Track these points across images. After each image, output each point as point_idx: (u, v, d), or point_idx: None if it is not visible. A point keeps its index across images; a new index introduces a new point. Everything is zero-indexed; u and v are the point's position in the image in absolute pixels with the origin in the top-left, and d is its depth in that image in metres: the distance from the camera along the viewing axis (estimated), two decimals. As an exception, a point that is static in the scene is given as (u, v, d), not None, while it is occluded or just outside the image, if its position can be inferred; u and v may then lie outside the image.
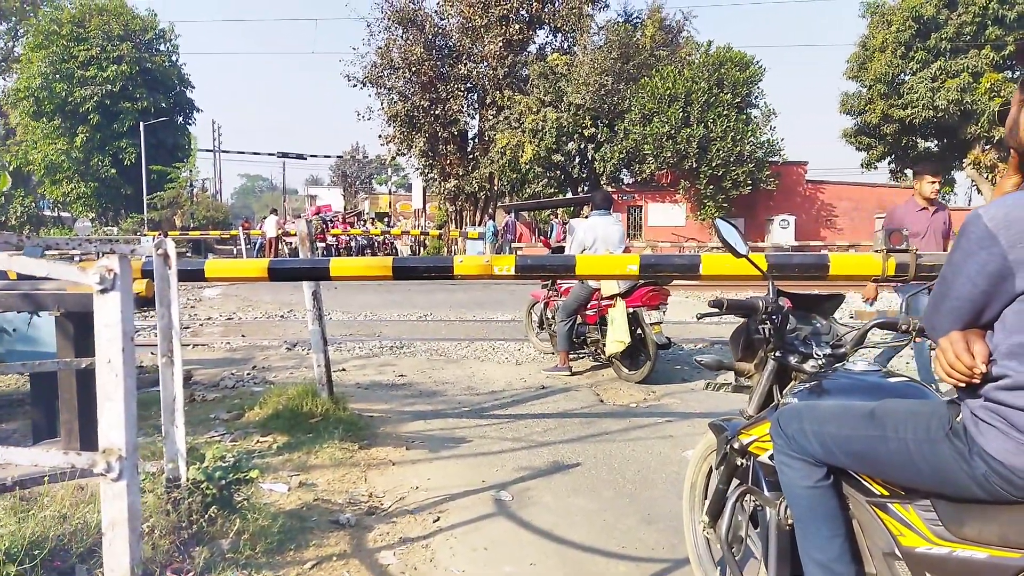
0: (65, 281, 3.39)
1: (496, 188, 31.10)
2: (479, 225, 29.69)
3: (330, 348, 7.15)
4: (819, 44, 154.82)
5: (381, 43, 29.66)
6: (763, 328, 2.33)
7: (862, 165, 38.75)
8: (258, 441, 4.41)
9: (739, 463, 2.40)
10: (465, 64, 29.51)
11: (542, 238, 21.36)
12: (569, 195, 30.70)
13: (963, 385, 1.57)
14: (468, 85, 30.44)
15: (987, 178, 34.34)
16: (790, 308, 2.40)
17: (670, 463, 4.24)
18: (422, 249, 30.26)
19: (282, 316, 11.03)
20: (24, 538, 2.39)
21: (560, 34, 31.08)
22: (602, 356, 6.75)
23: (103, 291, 1.64)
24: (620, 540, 3.22)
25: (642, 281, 6.27)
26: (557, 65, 28.39)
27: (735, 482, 2.42)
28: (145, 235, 26.34)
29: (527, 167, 28.40)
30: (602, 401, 5.84)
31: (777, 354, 2.33)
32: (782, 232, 29.56)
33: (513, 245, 27.20)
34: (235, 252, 33.00)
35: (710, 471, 2.67)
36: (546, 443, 4.63)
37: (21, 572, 2.20)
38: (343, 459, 4.15)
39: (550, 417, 5.27)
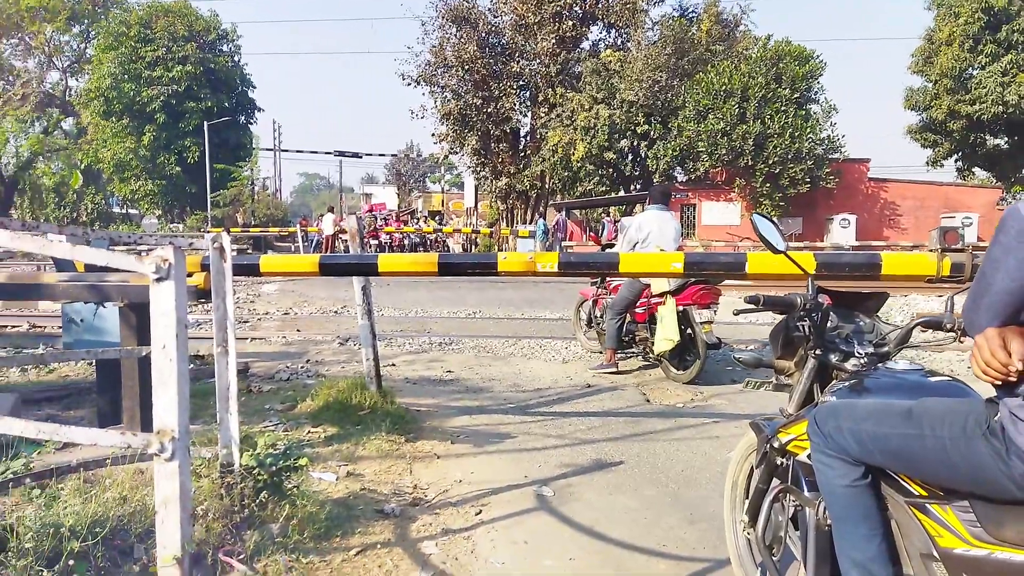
0: (128, 273, 3.55)
1: (547, 186, 31.08)
2: (530, 223, 29.75)
3: (380, 343, 7.28)
4: (883, 37, 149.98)
5: (435, 41, 29.97)
6: (802, 325, 2.31)
7: (927, 163, 37.44)
8: (309, 431, 4.54)
9: (779, 462, 2.38)
10: (518, 62, 29.58)
11: (592, 235, 21.28)
12: (621, 193, 30.46)
13: (999, 383, 1.54)
14: (520, 83, 30.49)
15: (1062, 176, 32.78)
16: (830, 305, 2.36)
17: (715, 463, 4.20)
18: (473, 247, 30.45)
19: (336, 312, 11.28)
20: (87, 517, 2.52)
21: (614, 30, 30.86)
22: (650, 355, 6.71)
23: (158, 280, 1.73)
24: (661, 538, 3.22)
25: (693, 280, 6.21)
26: (610, 62, 28.20)
27: (774, 481, 2.40)
28: (208, 232, 27.19)
29: (579, 165, 28.30)
30: (648, 401, 5.81)
31: (817, 352, 2.31)
32: (842, 231, 28.74)
33: (564, 243, 27.16)
34: (293, 248, 33.80)
35: (751, 471, 2.64)
36: (590, 441, 4.64)
37: (84, 548, 2.32)
38: (390, 451, 4.24)
39: (595, 415, 5.28)
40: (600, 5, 29.47)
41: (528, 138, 31.92)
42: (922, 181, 32.98)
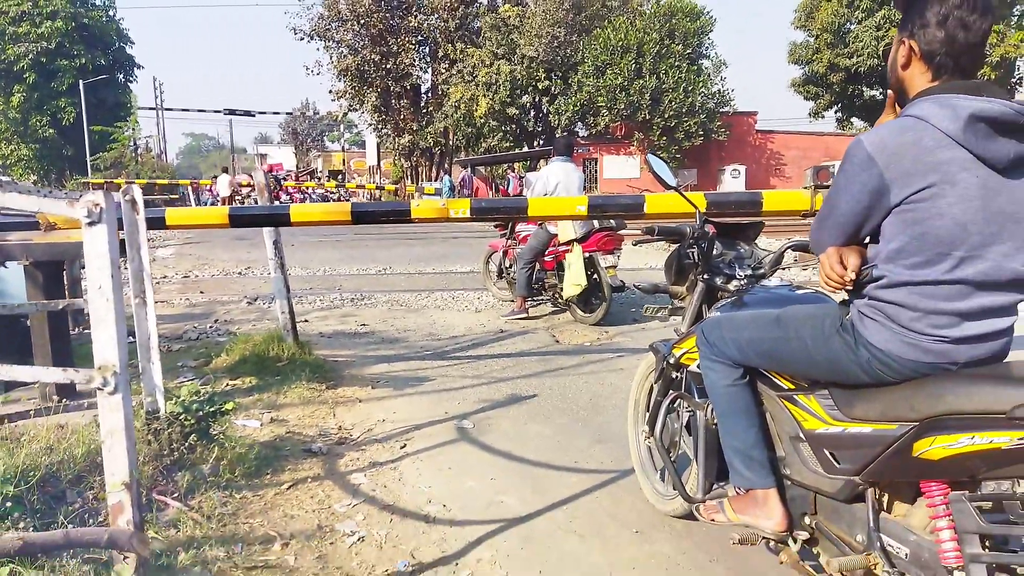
0: (31, 232, 3.49)
1: (451, 143, 30.96)
2: (435, 180, 29.61)
3: (292, 300, 7.27)
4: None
5: (328, -6, 28.97)
6: (691, 252, 2.64)
7: (810, 114, 39.45)
8: (228, 384, 4.58)
9: (674, 376, 2.69)
10: (416, 16, 29.06)
11: (503, 190, 21.49)
12: (525, 149, 30.69)
13: (839, 291, 1.86)
14: (419, 38, 30.03)
15: (929, 125, 35.29)
16: (715, 234, 2.68)
17: (619, 392, 4.54)
18: (378, 206, 30.07)
19: (240, 273, 11.05)
20: (16, 467, 2.56)
21: (512, -16, 30.69)
22: (560, 300, 7.04)
23: (91, 224, 1.80)
24: (573, 457, 3.52)
25: (597, 227, 6.55)
26: (509, 17, 28.14)
27: (671, 392, 2.71)
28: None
29: (482, 121, 28.31)
30: (558, 341, 6.12)
31: (705, 276, 2.64)
32: (733, 181, 30.14)
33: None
34: (186, 213, 32.38)
35: (651, 388, 2.94)
36: (504, 379, 4.90)
37: (18, 493, 2.37)
38: (311, 398, 4.36)
39: (508, 356, 5.54)
40: (497, -42, 29.22)
41: (429, 94, 31.58)
42: (805, 132, 34.90)
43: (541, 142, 31.51)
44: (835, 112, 39.55)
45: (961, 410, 1.64)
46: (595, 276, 6.61)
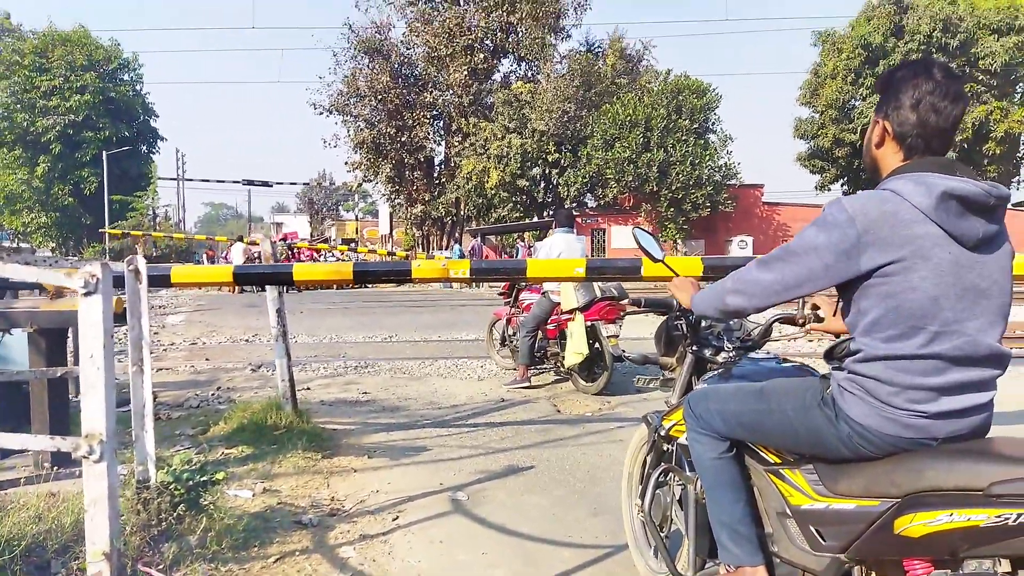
0: (38, 300, 3.57)
1: (462, 213, 31.45)
2: (446, 249, 29.94)
3: (296, 368, 7.29)
4: (773, 72, 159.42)
5: (347, 72, 30.09)
6: (679, 324, 2.67)
7: (816, 187, 39.89)
8: (223, 453, 4.57)
9: (664, 448, 2.67)
10: (431, 92, 29.99)
11: (509, 256, 21.70)
12: (535, 219, 31.10)
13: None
14: (434, 112, 30.92)
15: (936, 199, 35.55)
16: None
17: (618, 463, 4.46)
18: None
19: (247, 340, 11.11)
20: (1, 536, 2.55)
21: (524, 63, 31.79)
22: (562, 369, 7.03)
23: (87, 294, 1.86)
24: (567, 531, 3.46)
25: (599, 296, 6.63)
26: (521, 93, 29.00)
27: (662, 465, 2.68)
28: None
29: (493, 192, 28.82)
30: (559, 411, 6.08)
31: (693, 348, 2.65)
32: (741, 252, 30.29)
33: (480, 269, 27.46)
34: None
35: (645, 461, 2.91)
36: (503, 449, 4.86)
37: (2, 563, 2.36)
38: (306, 467, 4.33)
39: (508, 426, 5.50)
40: (510, 39, 30.32)
41: (442, 166, 32.28)
42: (812, 204, 35.20)
43: (550, 212, 31.95)
44: (841, 185, 39.99)
45: (941, 487, 1.64)
46: (597, 345, 6.63)
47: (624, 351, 6.58)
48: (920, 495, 1.66)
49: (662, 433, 2.64)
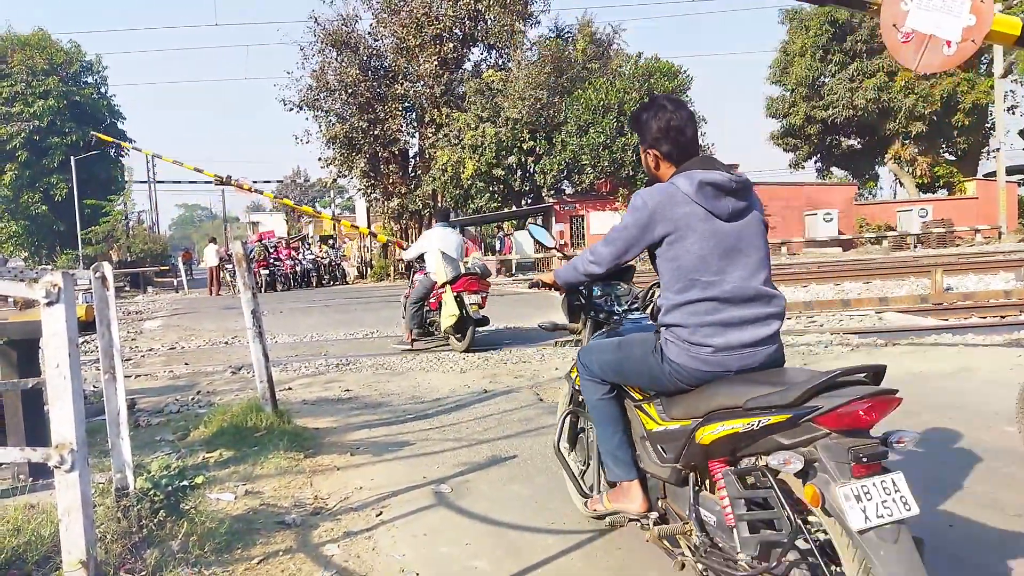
0: (7, 311, 3.52)
1: (440, 205, 31.31)
2: (424, 242, 29.77)
3: (277, 369, 7.27)
4: (743, 52, 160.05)
5: (315, 66, 29.72)
6: (578, 296, 3.23)
7: (790, 165, 40.23)
8: (204, 457, 4.55)
9: (572, 395, 3.31)
10: (401, 84, 29.75)
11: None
12: (513, 208, 31.08)
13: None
14: (406, 104, 30.68)
15: (908, 171, 36.06)
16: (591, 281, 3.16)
17: (600, 449, 4.54)
18: (368, 269, 30.21)
19: (226, 343, 11.05)
20: (-21, 550, 2.54)
21: (494, 51, 31.60)
22: (438, 332, 8.84)
23: (49, 304, 1.85)
24: (550, 518, 3.49)
25: (463, 272, 8.56)
26: (493, 81, 28.87)
27: (570, 407, 3.35)
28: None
29: (469, 182, 28.73)
30: (541, 400, 6.11)
31: (591, 313, 3.23)
32: (719, 233, 30.52)
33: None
34: (176, 283, 32.46)
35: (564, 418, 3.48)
36: (485, 440, 4.88)
37: (-21, 578, 2.35)
38: (288, 468, 4.33)
39: (490, 417, 5.53)
40: (479, 27, 30.11)
41: (417, 158, 32.09)
42: (786, 182, 35.48)
43: (529, 201, 31.95)
44: (814, 162, 40.37)
45: (724, 406, 2.18)
46: (463, 311, 8.31)
47: (486, 316, 8.66)
48: (711, 413, 2.20)
49: (573, 384, 3.21)
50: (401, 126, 30.34)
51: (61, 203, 36.31)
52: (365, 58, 29.77)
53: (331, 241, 39.64)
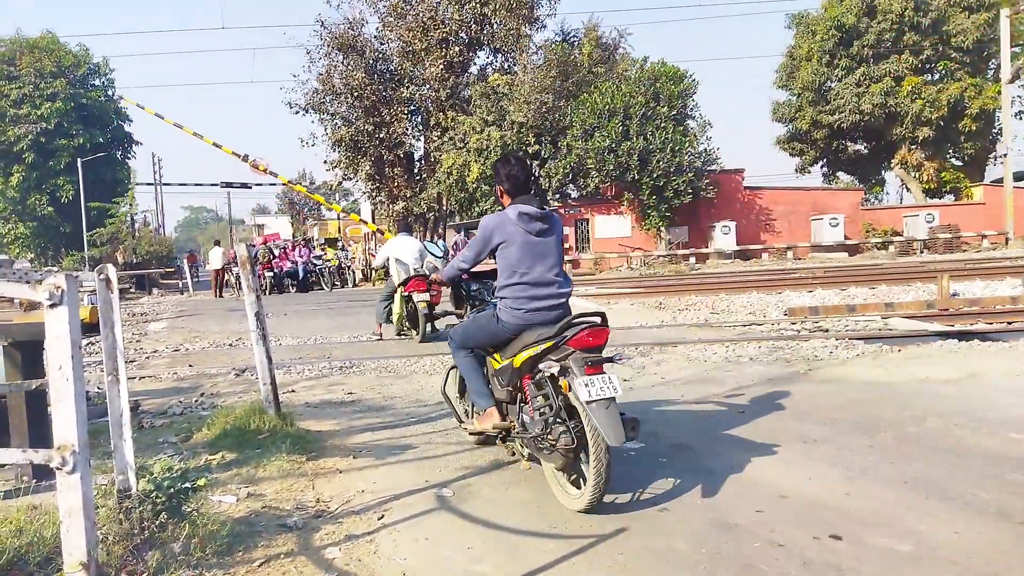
0: (12, 312, 3.53)
1: (445, 208, 31.36)
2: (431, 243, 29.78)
3: (280, 371, 7.27)
4: (749, 56, 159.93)
5: (322, 70, 29.82)
6: (463, 290, 4.70)
7: (796, 170, 40.13)
8: (207, 459, 4.55)
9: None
10: (407, 87, 29.82)
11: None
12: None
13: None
14: (411, 108, 30.75)
15: (914, 176, 35.95)
16: (467, 280, 4.62)
17: (603, 453, 4.52)
18: (372, 272, 30.18)
19: (230, 345, 11.06)
20: (-19, 551, 2.54)
21: (500, 55, 31.65)
22: (398, 325, 10.36)
23: (52, 306, 1.85)
24: (551, 522, 3.48)
25: (413, 275, 9.89)
26: (498, 85, 28.91)
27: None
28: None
29: (474, 186, 28.75)
30: (544, 404, 6.10)
31: (471, 301, 4.58)
32: (724, 237, 30.43)
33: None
34: (180, 285, 32.54)
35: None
36: (488, 445, 4.87)
37: (-19, 579, 2.35)
38: (291, 470, 4.32)
39: (493, 421, 5.50)
40: (485, 31, 30.17)
41: (423, 162, 32.15)
42: (792, 187, 35.40)
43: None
44: (821, 167, 40.27)
45: (526, 343, 3.76)
46: (413, 308, 9.80)
47: (431, 311, 9.86)
48: (522, 348, 3.76)
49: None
50: (406, 129, 30.41)
51: (67, 205, 36.48)
52: (371, 62, 29.86)
53: (338, 244, 39.71)
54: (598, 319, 3.60)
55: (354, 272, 28.28)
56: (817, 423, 5.04)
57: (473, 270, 4.34)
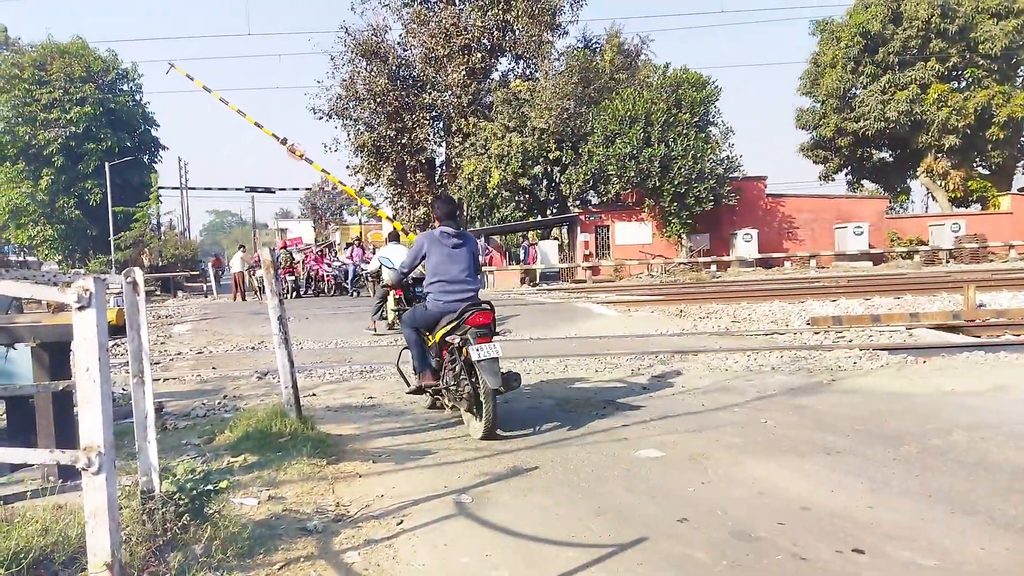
0: (40, 314, 3.59)
1: (465, 214, 31.43)
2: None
3: (301, 375, 7.32)
4: (772, 63, 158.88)
5: (345, 76, 30.06)
6: (408, 290, 6.44)
7: (820, 177, 39.75)
8: (228, 461, 4.59)
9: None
10: (429, 93, 29.98)
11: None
12: (538, 218, 31.10)
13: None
14: (433, 114, 30.91)
15: (940, 185, 35.47)
16: (411, 284, 6.33)
17: (622, 462, 4.51)
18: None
19: (253, 348, 11.17)
20: (9, 549, 2.58)
21: (522, 61, 31.74)
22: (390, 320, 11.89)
23: (80, 308, 1.88)
24: (571, 530, 3.47)
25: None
26: (520, 91, 28.97)
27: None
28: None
29: (495, 192, 28.81)
30: (563, 411, 6.09)
31: (411, 298, 6.36)
32: (746, 245, 30.20)
33: (485, 269, 27.47)
34: (205, 288, 32.91)
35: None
36: (507, 451, 4.87)
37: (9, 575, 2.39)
38: (311, 474, 4.35)
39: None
40: (507, 38, 30.27)
41: (444, 167, 32.28)
42: (816, 195, 35.05)
43: (554, 211, 31.95)
44: (845, 175, 39.87)
45: (442, 324, 5.42)
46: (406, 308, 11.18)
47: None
48: (439, 328, 5.44)
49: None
50: (428, 135, 30.57)
51: (95, 208, 37.03)
52: (394, 68, 30.07)
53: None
54: (487, 306, 5.31)
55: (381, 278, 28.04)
56: (840, 434, 4.98)
57: (414, 276, 6.17)
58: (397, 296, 10.55)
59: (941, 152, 34.50)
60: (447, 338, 5.28)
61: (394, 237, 12.52)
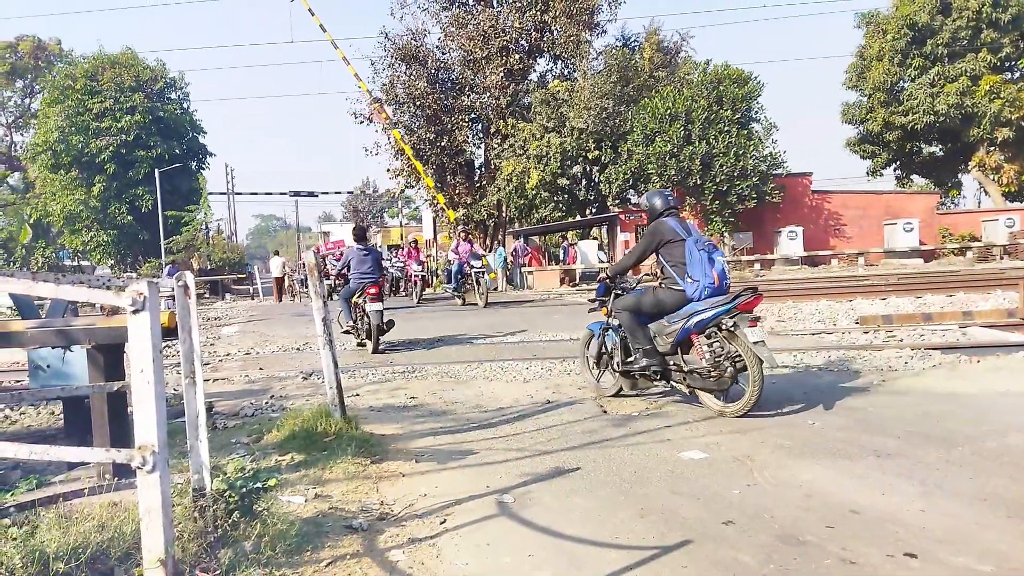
0: (95, 316, 3.71)
1: (504, 215, 31.50)
2: (489, 252, 29.98)
3: (344, 375, 7.41)
4: (816, 56, 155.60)
5: (385, 80, 30.35)
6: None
7: (868, 173, 38.81)
8: (276, 460, 4.69)
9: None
10: (468, 95, 30.10)
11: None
12: (577, 218, 30.98)
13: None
14: (472, 116, 31.00)
15: (993, 179, 34.34)
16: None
17: (666, 463, 4.48)
18: (435, 278, 30.53)
19: (298, 349, 11.36)
20: (68, 544, 2.67)
21: (560, 61, 31.63)
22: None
23: (135, 312, 1.94)
24: (613, 532, 3.46)
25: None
26: (558, 91, 28.89)
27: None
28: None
29: (534, 192, 28.79)
30: (605, 412, 6.06)
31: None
32: (791, 243, 29.64)
33: (523, 270, 27.50)
34: (251, 291, 33.59)
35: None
36: (548, 451, 4.87)
37: (68, 570, 2.48)
38: (356, 473, 4.42)
39: (554, 427, 5.51)
40: (545, 38, 30.21)
41: (483, 169, 32.37)
42: (863, 191, 34.22)
43: (593, 211, 31.79)
44: (894, 170, 38.86)
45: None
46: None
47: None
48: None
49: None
50: (467, 137, 30.67)
51: (146, 214, 38.10)
52: (433, 71, 30.25)
53: (398, 249, 40.18)
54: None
55: (427, 279, 26.57)
56: (890, 436, 4.86)
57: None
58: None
59: (994, 145, 33.40)
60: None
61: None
